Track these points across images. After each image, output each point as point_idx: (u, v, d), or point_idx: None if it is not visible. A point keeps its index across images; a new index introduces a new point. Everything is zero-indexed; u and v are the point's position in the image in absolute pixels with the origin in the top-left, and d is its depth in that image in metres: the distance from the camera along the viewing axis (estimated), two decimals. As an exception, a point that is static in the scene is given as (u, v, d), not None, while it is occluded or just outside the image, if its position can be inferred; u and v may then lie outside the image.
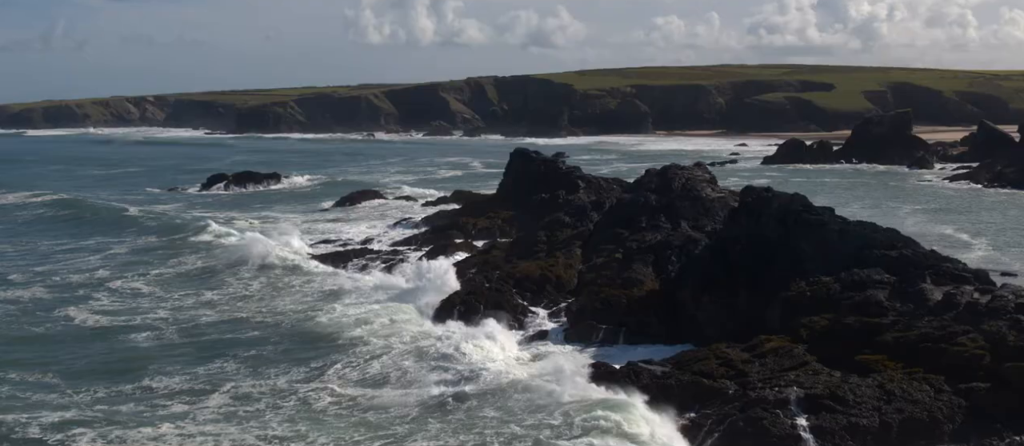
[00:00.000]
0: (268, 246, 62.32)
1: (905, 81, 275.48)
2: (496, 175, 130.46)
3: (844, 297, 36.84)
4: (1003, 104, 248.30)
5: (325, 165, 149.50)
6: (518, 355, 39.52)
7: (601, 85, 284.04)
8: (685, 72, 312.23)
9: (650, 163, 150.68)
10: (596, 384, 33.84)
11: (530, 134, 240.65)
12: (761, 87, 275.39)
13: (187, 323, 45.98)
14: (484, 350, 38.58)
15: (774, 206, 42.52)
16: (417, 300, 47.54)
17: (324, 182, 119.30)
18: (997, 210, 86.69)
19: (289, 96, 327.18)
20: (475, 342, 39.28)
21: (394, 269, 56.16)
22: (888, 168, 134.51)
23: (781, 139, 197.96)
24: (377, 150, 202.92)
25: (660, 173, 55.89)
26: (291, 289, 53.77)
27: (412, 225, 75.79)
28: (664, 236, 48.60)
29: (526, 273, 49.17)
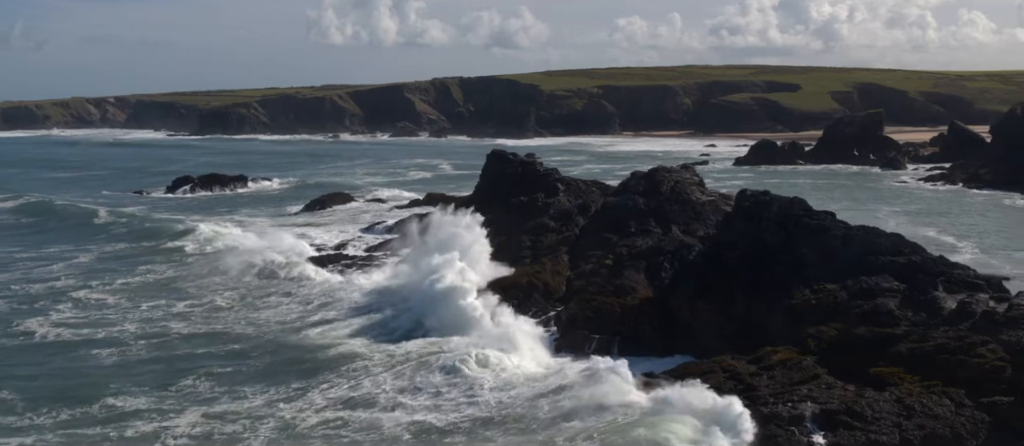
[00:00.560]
0: (264, 247, 59.86)
1: (870, 81, 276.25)
2: (466, 176, 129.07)
3: (852, 305, 35.21)
4: (968, 105, 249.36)
5: (292, 167, 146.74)
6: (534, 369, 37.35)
7: (567, 86, 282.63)
8: (651, 73, 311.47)
9: (621, 164, 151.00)
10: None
11: (497, 135, 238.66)
12: (727, 88, 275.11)
13: (156, 337, 43.38)
14: (498, 363, 36.66)
15: (773, 210, 40.85)
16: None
17: (293, 185, 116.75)
18: (978, 212, 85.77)
19: (252, 97, 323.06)
20: (484, 353, 37.35)
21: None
22: (861, 169, 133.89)
23: (749, 140, 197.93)
24: (343, 151, 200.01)
25: (647, 176, 54.08)
26: (274, 297, 51.30)
27: (386, 229, 73.67)
28: (655, 241, 46.83)
29: (513, 281, 47.15)
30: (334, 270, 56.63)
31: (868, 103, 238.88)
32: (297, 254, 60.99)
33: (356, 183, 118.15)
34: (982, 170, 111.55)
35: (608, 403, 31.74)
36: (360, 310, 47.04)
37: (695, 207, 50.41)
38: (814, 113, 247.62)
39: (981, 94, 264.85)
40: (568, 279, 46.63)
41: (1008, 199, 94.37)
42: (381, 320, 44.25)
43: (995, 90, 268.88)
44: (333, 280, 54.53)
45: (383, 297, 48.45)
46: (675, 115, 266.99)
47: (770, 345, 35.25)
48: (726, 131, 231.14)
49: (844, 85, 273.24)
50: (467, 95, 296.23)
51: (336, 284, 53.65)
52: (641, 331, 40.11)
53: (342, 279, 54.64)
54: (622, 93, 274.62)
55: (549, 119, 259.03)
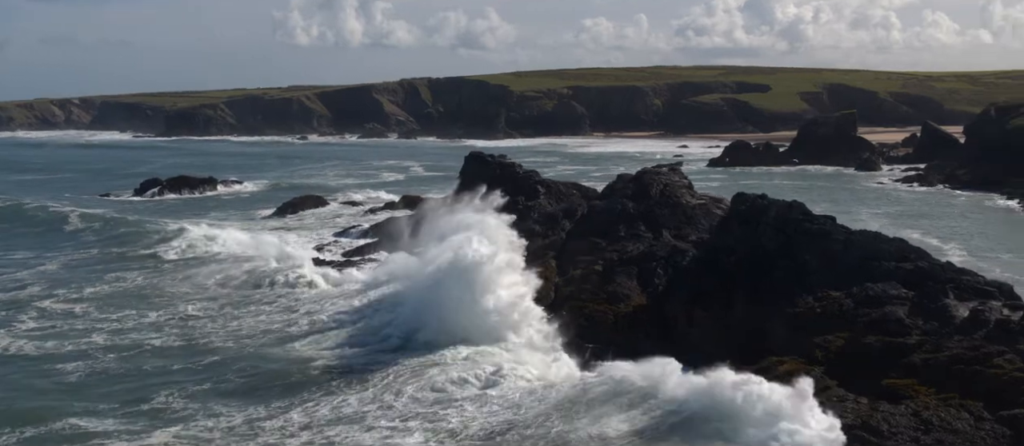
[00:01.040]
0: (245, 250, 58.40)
1: (839, 82, 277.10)
2: (438, 178, 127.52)
3: (859, 314, 33.78)
4: (937, 105, 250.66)
5: (261, 168, 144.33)
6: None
7: (537, 86, 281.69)
8: (620, 73, 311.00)
9: (595, 166, 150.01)
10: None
11: (467, 136, 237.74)
12: (697, 89, 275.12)
13: (127, 350, 40.85)
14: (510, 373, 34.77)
15: (771, 214, 39.42)
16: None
17: (264, 187, 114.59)
18: (959, 214, 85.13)
19: (219, 98, 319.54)
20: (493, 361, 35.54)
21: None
22: (836, 169, 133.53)
23: (721, 140, 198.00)
24: (312, 153, 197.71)
25: (635, 178, 52.57)
26: (256, 305, 48.94)
27: (361, 233, 71.87)
28: (646, 246, 45.25)
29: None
30: (322, 275, 54.54)
31: (837, 104, 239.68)
32: (282, 258, 58.85)
33: (328, 185, 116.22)
34: (959, 171, 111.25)
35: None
36: (350, 318, 45.01)
37: (685, 211, 48.91)
38: (784, 114, 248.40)
39: (949, 95, 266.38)
40: (556, 286, 44.93)
41: (988, 200, 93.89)
42: (374, 328, 42.23)
43: (963, 91, 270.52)
44: (321, 286, 52.59)
45: (377, 303, 46.51)
46: (645, 116, 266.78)
47: (774, 355, 33.79)
48: (697, 132, 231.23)
49: (813, 86, 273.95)
50: (436, 96, 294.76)
51: (325, 290, 51.72)
52: (636, 340, 38.49)
53: (331, 284, 52.74)
54: (592, 94, 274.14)
55: (519, 120, 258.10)
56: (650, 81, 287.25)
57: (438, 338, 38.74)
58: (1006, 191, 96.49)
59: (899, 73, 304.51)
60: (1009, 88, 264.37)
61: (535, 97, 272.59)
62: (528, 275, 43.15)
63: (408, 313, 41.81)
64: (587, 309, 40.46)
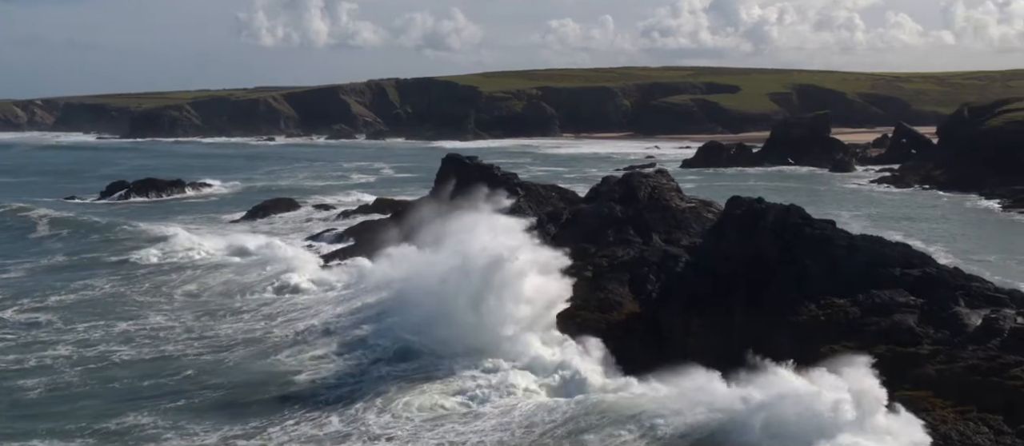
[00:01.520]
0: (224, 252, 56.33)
1: (808, 83, 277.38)
2: (410, 180, 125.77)
3: (867, 323, 32.38)
4: (905, 105, 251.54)
5: (229, 170, 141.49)
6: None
7: (506, 87, 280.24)
8: (590, 74, 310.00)
9: (567, 167, 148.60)
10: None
11: (436, 137, 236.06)
12: (666, 89, 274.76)
13: (94, 363, 38.72)
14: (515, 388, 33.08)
15: (769, 218, 37.95)
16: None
17: (233, 190, 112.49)
18: (941, 215, 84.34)
19: (184, 99, 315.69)
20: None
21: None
22: (810, 170, 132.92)
23: (691, 141, 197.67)
24: (280, 154, 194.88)
25: (623, 181, 51.04)
26: (235, 313, 46.92)
27: (336, 237, 69.91)
28: (637, 251, 43.71)
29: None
30: (308, 279, 52.67)
31: (806, 105, 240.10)
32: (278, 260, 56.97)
33: (299, 188, 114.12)
34: (936, 172, 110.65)
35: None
36: (339, 326, 43.04)
37: (675, 214, 47.44)
38: (753, 114, 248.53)
39: (917, 95, 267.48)
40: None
41: (967, 201, 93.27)
42: (364, 336, 40.32)
43: (931, 91, 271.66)
44: (308, 291, 50.84)
45: (368, 309, 44.55)
46: (615, 117, 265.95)
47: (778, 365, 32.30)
48: (666, 132, 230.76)
49: (782, 86, 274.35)
50: (404, 97, 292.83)
51: (311, 296, 49.86)
52: (631, 349, 36.93)
53: (318, 289, 50.86)
54: (561, 94, 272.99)
55: (488, 121, 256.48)
56: (619, 82, 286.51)
57: (438, 348, 36.91)
58: (985, 191, 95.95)
59: (867, 74, 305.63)
60: (976, 88, 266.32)
61: (504, 98, 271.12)
62: (555, 279, 41.10)
63: (404, 321, 40.03)
64: (578, 317, 38.84)
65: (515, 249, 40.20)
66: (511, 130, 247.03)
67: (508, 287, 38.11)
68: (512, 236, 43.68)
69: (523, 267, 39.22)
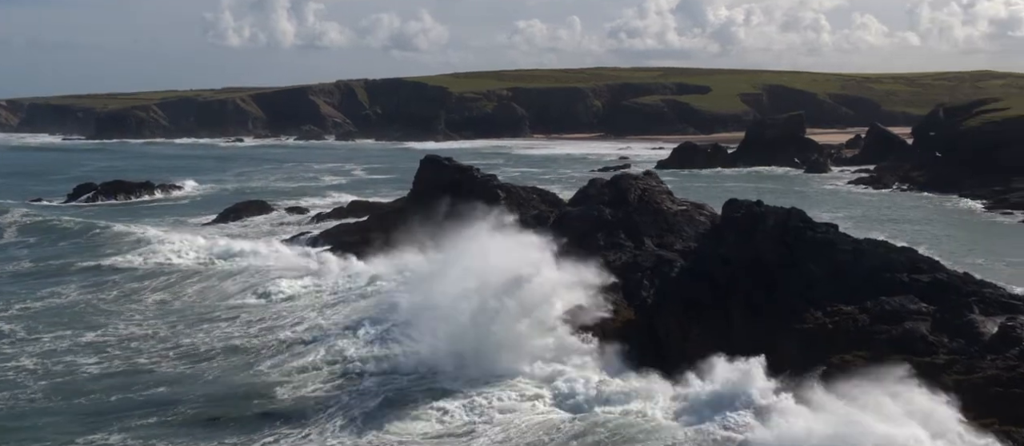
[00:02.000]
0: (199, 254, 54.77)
1: (778, 84, 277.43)
2: (382, 181, 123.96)
3: (877, 330, 31.00)
4: (875, 106, 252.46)
5: (199, 171, 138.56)
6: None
7: (476, 88, 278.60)
8: (560, 75, 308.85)
9: (541, 168, 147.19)
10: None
11: (406, 138, 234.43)
12: (637, 90, 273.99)
13: (60, 377, 36.32)
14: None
15: (769, 222, 36.57)
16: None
17: (203, 192, 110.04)
18: (922, 216, 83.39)
19: (151, 100, 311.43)
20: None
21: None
22: (785, 171, 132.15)
23: (663, 142, 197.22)
24: (249, 155, 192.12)
25: (611, 183, 49.44)
26: (214, 321, 44.59)
27: (311, 241, 67.94)
28: (629, 256, 42.19)
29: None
30: (292, 284, 50.76)
31: (777, 105, 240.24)
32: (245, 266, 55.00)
33: (270, 189, 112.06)
34: (914, 172, 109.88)
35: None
36: (328, 335, 40.93)
37: (667, 218, 45.90)
38: (724, 115, 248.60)
39: (887, 96, 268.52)
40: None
41: (948, 202, 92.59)
42: (354, 348, 38.33)
43: (901, 92, 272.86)
44: (292, 296, 48.85)
45: (365, 316, 42.64)
46: (585, 117, 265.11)
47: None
48: (637, 133, 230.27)
49: (752, 87, 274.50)
50: (373, 97, 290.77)
51: (296, 302, 47.84)
52: (628, 356, 35.38)
53: (303, 295, 49.07)
54: (532, 95, 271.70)
55: (459, 121, 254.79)
56: (590, 82, 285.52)
57: (437, 362, 35.07)
58: (965, 192, 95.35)
59: (836, 75, 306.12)
60: (946, 89, 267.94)
61: (474, 98, 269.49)
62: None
63: (398, 331, 38.34)
64: (573, 325, 37.18)
65: (538, 265, 38.35)
66: (481, 131, 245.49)
67: (535, 308, 36.33)
68: (531, 251, 41.07)
69: (548, 288, 37.37)
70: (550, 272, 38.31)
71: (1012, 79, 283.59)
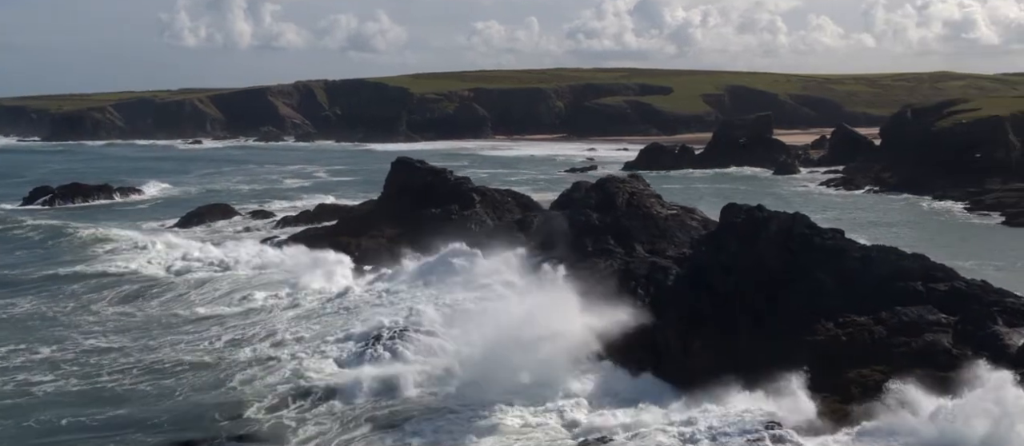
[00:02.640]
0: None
1: (740, 84, 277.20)
2: (346, 184, 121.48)
3: (895, 343, 29.38)
4: (837, 107, 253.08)
5: (158, 174, 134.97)
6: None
7: (437, 89, 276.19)
8: (522, 75, 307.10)
9: (507, 169, 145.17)
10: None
11: (367, 139, 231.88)
12: (599, 91, 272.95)
13: (11, 397, 33.57)
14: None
15: (772, 228, 34.88)
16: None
17: (164, 195, 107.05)
18: (900, 219, 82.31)
19: (107, 101, 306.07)
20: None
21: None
22: (754, 172, 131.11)
23: (627, 142, 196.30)
24: (209, 157, 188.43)
25: (598, 187, 47.67)
26: (179, 334, 41.86)
27: (279, 246, 65.59)
28: (621, 263, 40.33)
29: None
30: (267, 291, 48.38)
31: (739, 106, 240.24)
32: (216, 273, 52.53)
33: (232, 192, 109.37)
34: (885, 173, 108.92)
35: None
36: (306, 349, 38.49)
37: (657, 222, 44.17)
38: (687, 116, 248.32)
39: (849, 97, 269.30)
40: (525, 308, 39.63)
41: (924, 203, 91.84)
42: (336, 366, 35.93)
43: (862, 93, 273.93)
44: (265, 307, 46.32)
45: (340, 331, 40.17)
46: (548, 118, 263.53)
47: (798, 391, 29.17)
48: (600, 134, 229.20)
49: (714, 88, 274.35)
50: (332, 99, 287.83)
51: (272, 312, 45.30)
52: (628, 372, 33.55)
53: (279, 304, 46.71)
54: (493, 96, 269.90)
55: (420, 123, 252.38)
56: (552, 83, 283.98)
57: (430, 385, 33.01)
58: (938, 193, 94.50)
59: (798, 75, 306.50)
60: (906, 89, 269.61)
61: (436, 99, 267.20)
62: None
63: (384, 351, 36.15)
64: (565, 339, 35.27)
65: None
66: (443, 132, 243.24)
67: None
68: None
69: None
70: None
71: (971, 80, 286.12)
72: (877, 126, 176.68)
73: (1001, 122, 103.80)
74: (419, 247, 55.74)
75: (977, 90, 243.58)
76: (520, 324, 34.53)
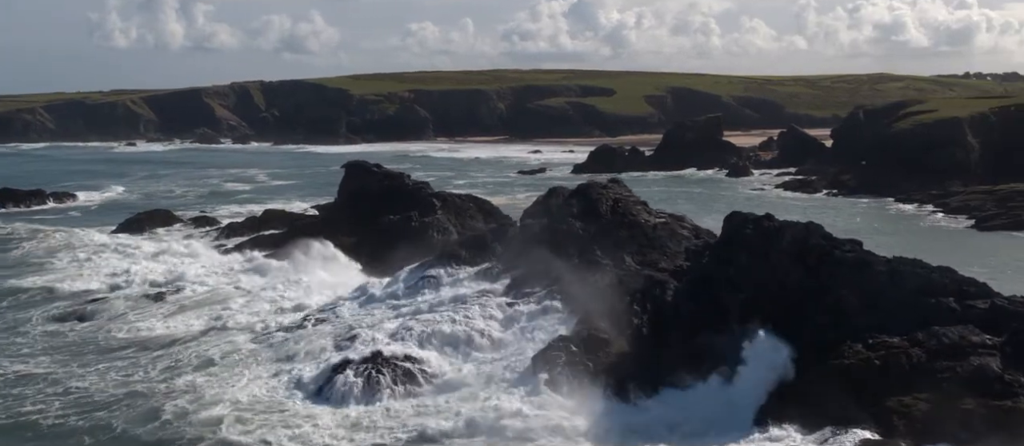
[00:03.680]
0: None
1: (682, 86, 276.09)
2: (289, 187, 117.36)
3: (938, 369, 26.54)
4: (779, 108, 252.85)
5: (94, 177, 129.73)
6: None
7: (377, 90, 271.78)
8: (462, 76, 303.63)
9: (453, 171, 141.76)
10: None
11: (306, 141, 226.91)
12: (541, 92, 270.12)
13: None
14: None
15: (785, 239, 31.93)
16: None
17: (101, 200, 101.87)
18: (867, 224, 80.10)
19: (36, 102, 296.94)
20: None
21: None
22: (707, 175, 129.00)
23: (571, 144, 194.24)
24: (144, 159, 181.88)
25: (579, 193, 44.29)
26: (113, 357, 38.01)
27: (225, 254, 61.71)
28: (612, 277, 37.16)
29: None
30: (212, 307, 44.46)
31: (681, 107, 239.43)
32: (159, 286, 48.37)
33: (171, 197, 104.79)
34: (843, 176, 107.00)
35: None
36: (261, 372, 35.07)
37: (646, 231, 40.98)
38: (629, 117, 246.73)
39: (790, 98, 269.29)
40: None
41: (887, 206, 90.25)
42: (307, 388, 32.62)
43: (803, 94, 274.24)
44: (210, 327, 42.25)
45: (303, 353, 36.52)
46: (489, 120, 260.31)
47: (828, 420, 26.24)
48: (542, 136, 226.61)
49: (656, 89, 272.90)
50: (270, 100, 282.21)
51: (217, 331, 41.34)
52: (628, 397, 30.40)
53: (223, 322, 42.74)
54: (433, 97, 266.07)
55: (360, 125, 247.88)
56: (492, 84, 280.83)
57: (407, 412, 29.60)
58: (900, 196, 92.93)
59: (739, 77, 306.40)
60: (846, 91, 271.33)
61: (376, 101, 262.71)
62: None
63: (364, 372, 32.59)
64: (561, 359, 32.00)
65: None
66: (383, 134, 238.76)
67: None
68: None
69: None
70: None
71: (909, 81, 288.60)
72: (820, 127, 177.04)
73: (960, 123, 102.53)
74: (379, 261, 52.54)
75: (916, 91, 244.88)
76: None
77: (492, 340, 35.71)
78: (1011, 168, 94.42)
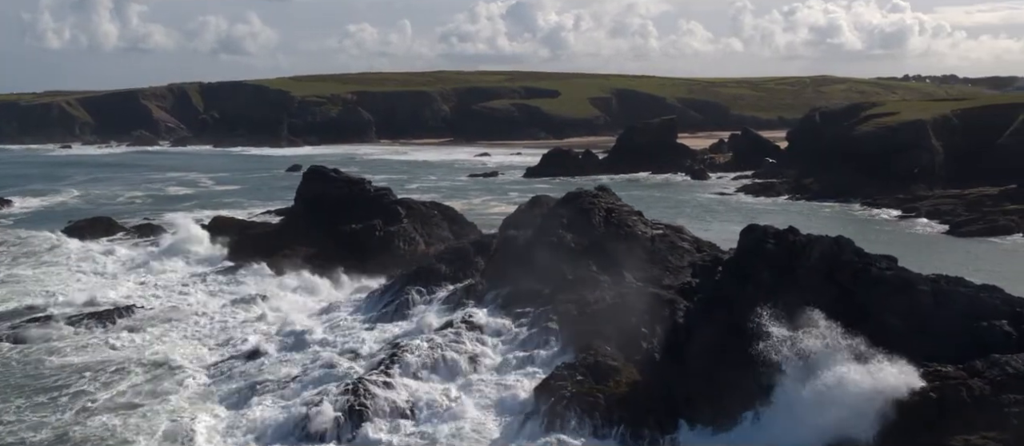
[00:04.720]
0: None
1: (627, 88, 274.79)
2: (235, 192, 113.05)
3: (1006, 402, 23.63)
4: (723, 110, 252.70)
5: (28, 182, 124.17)
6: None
7: (319, 92, 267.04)
8: (405, 78, 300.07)
9: (404, 174, 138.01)
10: None
11: (248, 144, 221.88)
12: (486, 94, 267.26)
13: None
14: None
15: (813, 256, 28.92)
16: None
17: (36, 206, 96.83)
18: (841, 229, 77.43)
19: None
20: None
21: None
22: (665, 178, 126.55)
23: (520, 147, 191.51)
24: (80, 162, 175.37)
25: (568, 202, 41.05)
26: (40, 397, 33.89)
27: (172, 268, 57.73)
28: (613, 295, 33.94)
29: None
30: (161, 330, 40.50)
31: (626, 110, 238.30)
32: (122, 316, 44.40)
33: (113, 203, 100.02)
34: (806, 180, 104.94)
35: None
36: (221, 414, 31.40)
37: (643, 244, 37.82)
38: (575, 119, 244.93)
39: (735, 100, 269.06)
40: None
41: (854, 211, 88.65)
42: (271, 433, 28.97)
43: (747, 96, 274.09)
44: (160, 359, 37.77)
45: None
46: (433, 122, 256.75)
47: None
48: (487, 138, 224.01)
49: (602, 91, 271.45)
50: (209, 102, 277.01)
51: (168, 363, 37.15)
52: (644, 435, 27.23)
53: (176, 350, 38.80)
54: (376, 99, 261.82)
55: (302, 127, 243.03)
56: (436, 86, 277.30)
57: None
58: (866, 200, 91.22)
59: (683, 79, 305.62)
60: (790, 93, 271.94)
61: (318, 103, 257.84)
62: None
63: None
64: (566, 390, 28.71)
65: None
66: (326, 136, 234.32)
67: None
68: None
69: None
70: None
71: (851, 83, 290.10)
72: (767, 129, 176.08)
73: (924, 126, 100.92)
74: (348, 274, 49.05)
75: (859, 94, 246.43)
76: None
77: (485, 367, 32.30)
78: (974, 171, 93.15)
